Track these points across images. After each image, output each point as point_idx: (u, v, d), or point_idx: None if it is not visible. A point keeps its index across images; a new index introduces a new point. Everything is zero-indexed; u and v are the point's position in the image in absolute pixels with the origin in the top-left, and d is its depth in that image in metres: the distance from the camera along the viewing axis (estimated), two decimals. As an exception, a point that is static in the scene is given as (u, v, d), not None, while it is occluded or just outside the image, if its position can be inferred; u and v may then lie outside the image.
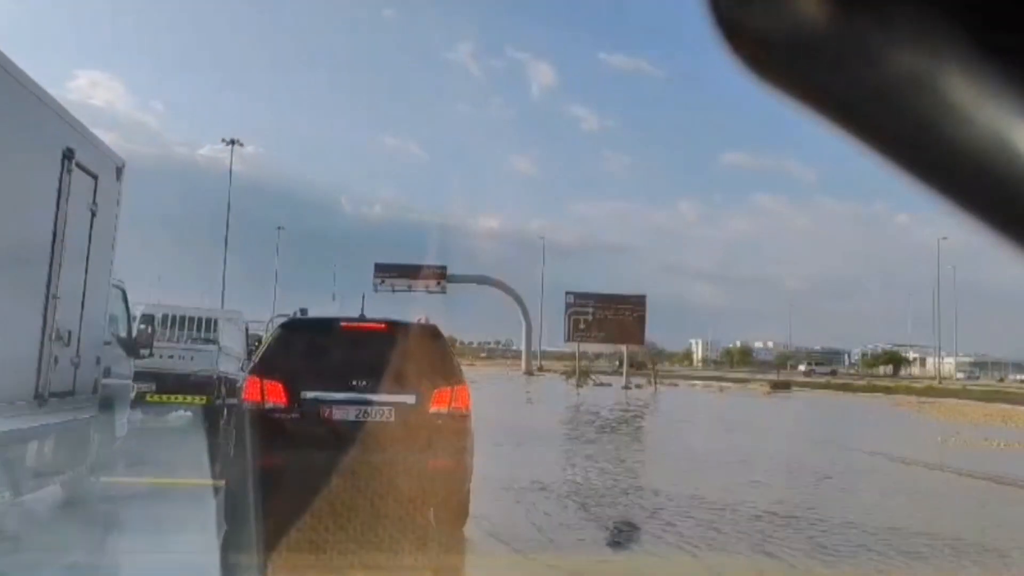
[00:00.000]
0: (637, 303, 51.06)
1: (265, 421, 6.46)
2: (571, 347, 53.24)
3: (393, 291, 57.16)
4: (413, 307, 59.99)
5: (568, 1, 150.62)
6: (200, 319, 17.49)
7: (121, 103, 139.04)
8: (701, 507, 9.15)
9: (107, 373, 8.16)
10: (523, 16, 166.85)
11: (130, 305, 9.51)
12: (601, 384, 46.15)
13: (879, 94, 0.55)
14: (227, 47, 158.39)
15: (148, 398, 14.14)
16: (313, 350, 7.19)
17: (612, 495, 9.96)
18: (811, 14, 0.54)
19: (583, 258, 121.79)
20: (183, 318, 17.35)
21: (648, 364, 50.22)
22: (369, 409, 6.57)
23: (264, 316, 26.68)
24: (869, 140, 0.57)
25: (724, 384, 51.96)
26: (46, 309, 6.48)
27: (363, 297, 14.79)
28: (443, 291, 58.73)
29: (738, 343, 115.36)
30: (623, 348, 51.38)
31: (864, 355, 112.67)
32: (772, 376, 63.51)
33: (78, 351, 7.08)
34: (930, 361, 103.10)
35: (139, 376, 13.48)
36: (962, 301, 76.93)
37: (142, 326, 9.55)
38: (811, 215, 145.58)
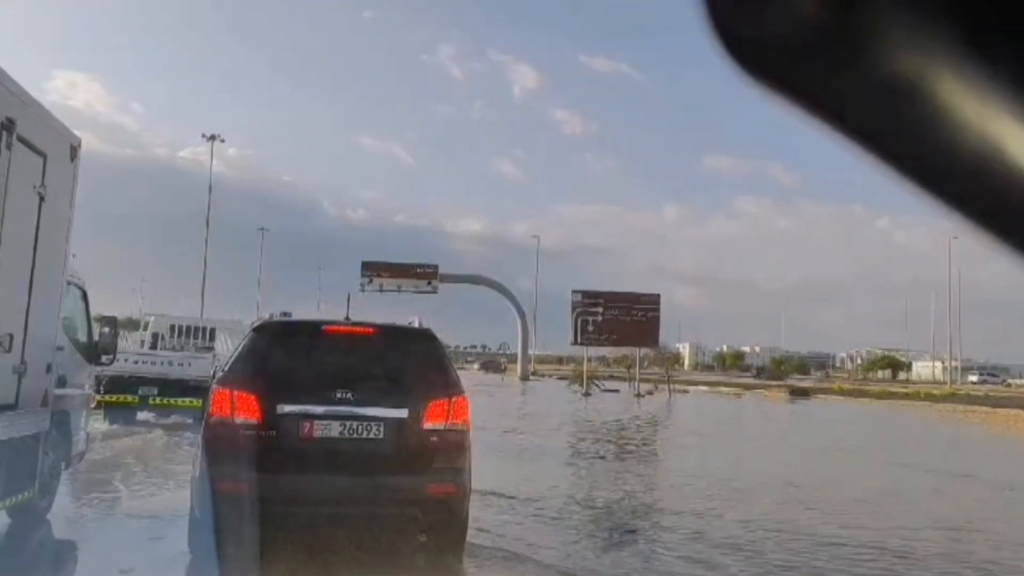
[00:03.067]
0: (650, 302, 47.71)
1: (234, 440, 5.84)
2: (559, 351, 50.38)
3: (381, 291, 53.72)
4: (403, 309, 56.74)
5: (550, 4, 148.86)
6: (201, 328, 20.93)
7: (100, 104, 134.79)
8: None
9: (62, 382, 7.47)
10: (504, 18, 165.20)
11: (90, 305, 8.90)
12: (608, 390, 43.21)
13: (874, 97, 0.55)
14: (208, 50, 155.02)
15: (151, 401, 16.09)
16: (291, 357, 6.53)
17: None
18: (806, 17, 0.54)
19: (565, 261, 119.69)
20: (187, 327, 20.84)
21: (665, 368, 46.95)
22: (355, 425, 5.97)
23: (252, 320, 25.46)
24: (863, 144, 0.57)
25: (735, 390, 49.24)
26: None
27: (348, 297, 14.22)
28: (435, 291, 55.35)
29: (725, 347, 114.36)
30: (627, 351, 48.44)
31: (853, 359, 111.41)
32: (778, 381, 61.20)
33: (23, 357, 6.38)
34: (916, 365, 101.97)
35: (144, 381, 15.93)
36: (943, 304, 75.23)
37: (105, 329, 8.87)
38: (794, 218, 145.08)
